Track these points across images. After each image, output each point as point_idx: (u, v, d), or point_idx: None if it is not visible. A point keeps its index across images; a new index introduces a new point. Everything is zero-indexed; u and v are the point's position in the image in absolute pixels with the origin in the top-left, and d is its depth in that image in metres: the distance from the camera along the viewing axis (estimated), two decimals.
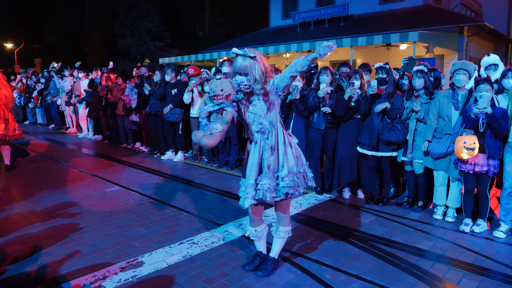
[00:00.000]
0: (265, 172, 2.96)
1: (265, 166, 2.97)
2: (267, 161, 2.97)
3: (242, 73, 2.85)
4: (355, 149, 5.03)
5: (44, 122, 13.69)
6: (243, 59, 2.86)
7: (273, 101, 2.96)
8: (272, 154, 2.97)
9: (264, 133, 2.97)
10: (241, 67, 2.84)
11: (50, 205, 4.92)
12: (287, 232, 3.22)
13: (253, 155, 3.02)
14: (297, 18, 18.26)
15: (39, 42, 38.69)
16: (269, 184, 2.94)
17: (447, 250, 3.66)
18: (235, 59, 2.93)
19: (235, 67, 2.89)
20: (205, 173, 6.71)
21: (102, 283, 3.03)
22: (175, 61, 19.42)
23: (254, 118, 2.96)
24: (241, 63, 2.85)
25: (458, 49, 13.35)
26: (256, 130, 2.98)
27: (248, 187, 3.00)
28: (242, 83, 2.86)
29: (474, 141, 3.79)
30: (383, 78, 4.72)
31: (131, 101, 8.39)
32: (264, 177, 2.95)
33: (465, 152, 3.82)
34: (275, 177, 2.97)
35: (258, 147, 3.00)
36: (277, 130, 3.01)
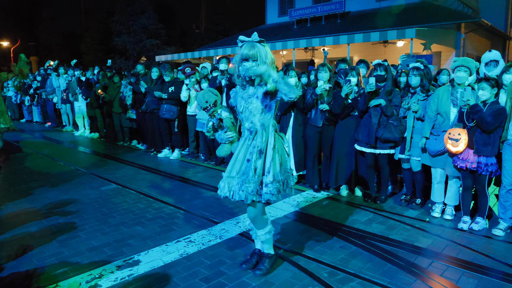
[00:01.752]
0: (251, 175, 2.91)
1: (251, 168, 2.92)
2: (254, 164, 2.93)
3: (251, 59, 2.85)
4: (352, 146, 5.01)
5: (41, 120, 13.61)
6: (251, 45, 2.86)
7: (270, 104, 2.95)
8: (260, 157, 2.94)
9: (251, 133, 2.98)
10: (250, 53, 2.84)
11: (47, 204, 4.88)
12: (268, 232, 3.16)
13: (240, 151, 3.02)
14: (294, 15, 18.21)
15: (35, 40, 38.42)
16: (253, 188, 2.90)
17: (445, 248, 3.65)
18: (242, 47, 2.91)
19: (242, 54, 2.88)
20: (202, 171, 6.68)
21: (99, 281, 3.00)
22: (171, 59, 19.34)
23: (248, 115, 2.97)
24: (250, 49, 2.85)
25: (455, 46, 13.36)
26: (247, 128, 3.00)
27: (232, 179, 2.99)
28: (250, 69, 2.85)
29: (458, 132, 3.87)
30: (381, 75, 4.70)
31: (125, 98, 8.35)
32: (250, 181, 2.90)
33: (450, 143, 3.93)
34: (259, 181, 2.93)
35: (246, 146, 3.00)
36: (268, 134, 2.97)
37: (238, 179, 2.96)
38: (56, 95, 11.62)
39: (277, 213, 4.53)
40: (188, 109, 7.36)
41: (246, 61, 2.87)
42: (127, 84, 8.43)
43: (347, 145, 5.08)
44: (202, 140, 7.31)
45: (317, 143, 5.31)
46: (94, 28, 29.92)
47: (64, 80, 11.07)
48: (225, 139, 3.17)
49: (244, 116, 3.00)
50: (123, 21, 26.67)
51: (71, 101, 10.87)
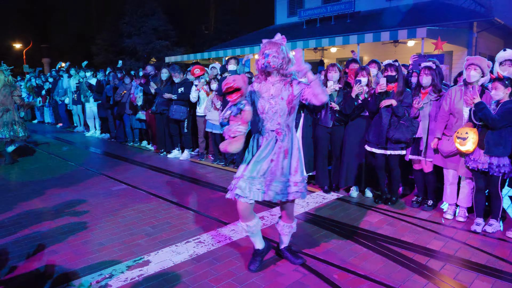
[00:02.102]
0: (278, 175, 2.98)
1: (278, 168, 2.98)
2: (281, 164, 2.98)
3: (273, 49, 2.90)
4: (362, 147, 4.97)
5: (53, 121, 13.77)
6: (273, 43, 2.93)
7: (294, 106, 3.00)
8: (286, 157, 2.99)
9: (279, 134, 2.98)
10: (271, 47, 2.90)
11: (58, 204, 4.92)
12: (292, 228, 3.31)
13: (264, 152, 2.98)
14: (303, 15, 18.17)
15: (47, 42, 38.93)
16: (281, 188, 2.98)
17: (458, 250, 3.59)
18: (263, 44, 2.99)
19: (263, 48, 2.95)
20: (211, 171, 6.69)
21: (109, 281, 3.02)
22: (181, 60, 19.43)
23: (273, 116, 2.96)
24: (271, 45, 2.92)
25: (468, 45, 13.18)
26: (272, 129, 2.98)
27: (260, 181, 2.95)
28: (270, 55, 2.88)
29: (466, 131, 3.83)
30: (392, 75, 4.64)
31: (136, 99, 8.40)
32: (278, 180, 2.98)
33: (457, 142, 3.90)
34: (286, 180, 3.00)
35: (270, 147, 2.98)
36: (292, 135, 3.05)
37: (262, 180, 2.96)
38: (68, 96, 11.76)
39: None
40: (198, 109, 7.38)
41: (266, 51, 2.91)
42: (137, 85, 8.48)
43: (357, 145, 5.04)
44: (212, 141, 7.32)
45: (327, 144, 5.28)
46: (105, 30, 30.19)
47: (75, 82, 11.19)
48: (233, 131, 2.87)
49: (267, 116, 2.98)
50: (133, 22, 26.88)
51: (82, 102, 10.97)
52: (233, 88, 2.78)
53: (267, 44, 2.95)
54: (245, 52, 15.47)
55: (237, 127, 2.84)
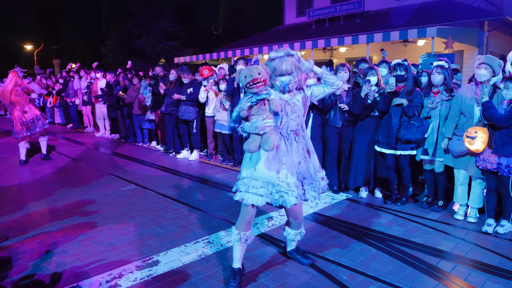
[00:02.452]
0: (310, 175, 3.00)
1: (309, 169, 3.00)
2: (308, 164, 3.00)
3: (287, 73, 2.83)
4: (372, 147, 4.94)
5: (63, 122, 13.91)
6: (284, 60, 2.81)
7: (306, 106, 3.02)
8: (310, 157, 3.03)
9: (298, 135, 2.98)
10: (285, 68, 2.81)
11: (68, 203, 4.97)
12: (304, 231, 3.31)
13: (290, 156, 2.91)
14: (312, 15, 18.11)
15: (57, 43, 39.39)
16: (316, 186, 3.04)
17: (469, 251, 3.55)
18: (272, 61, 2.85)
19: (276, 69, 2.83)
20: (220, 171, 6.70)
21: (118, 281, 3.03)
22: (190, 61, 19.50)
23: (292, 117, 2.94)
24: (284, 64, 2.80)
25: (478, 44, 13.02)
26: (291, 129, 2.95)
27: (293, 185, 2.87)
28: (290, 83, 2.85)
29: (475, 130, 3.82)
30: (401, 75, 4.60)
31: (145, 99, 8.45)
32: (311, 180, 3.01)
33: (467, 141, 3.88)
34: (315, 178, 3.04)
35: (295, 149, 2.94)
36: (305, 133, 3.08)
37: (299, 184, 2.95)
38: (78, 97, 11.88)
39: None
40: (207, 110, 7.40)
41: (281, 76, 2.85)
42: (146, 85, 8.54)
43: (366, 146, 5.01)
44: (221, 141, 7.33)
45: (336, 144, 5.26)
46: (114, 31, 30.44)
47: (85, 82, 11.29)
48: (261, 127, 2.64)
49: (286, 116, 2.91)
50: (142, 23, 27.07)
51: (92, 103, 11.07)
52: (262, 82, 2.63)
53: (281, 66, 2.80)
54: (254, 52, 15.47)
55: (265, 122, 2.64)
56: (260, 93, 2.65)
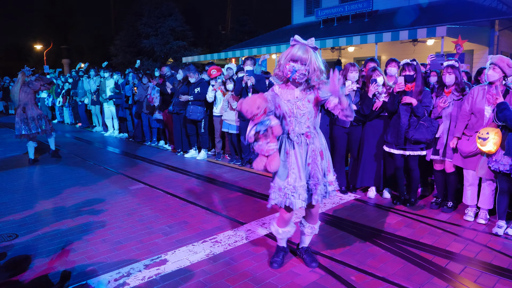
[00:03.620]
0: (320, 177, 2.97)
1: (319, 171, 2.97)
2: (321, 166, 2.98)
3: (301, 62, 2.79)
4: (380, 147, 4.91)
5: (72, 121, 14.04)
6: (305, 48, 2.80)
7: (318, 107, 3.00)
8: (322, 159, 3.00)
9: (309, 137, 2.96)
10: (302, 56, 2.78)
11: (77, 202, 5.01)
12: (316, 229, 3.30)
13: (299, 158, 2.93)
14: (320, 14, 18.06)
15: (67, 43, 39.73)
16: (323, 189, 3.00)
17: (479, 253, 3.51)
18: (294, 46, 2.84)
19: (293, 54, 2.80)
20: (228, 171, 6.70)
21: (127, 279, 3.05)
22: (198, 60, 19.55)
23: (302, 119, 2.92)
24: (303, 51, 2.78)
25: (489, 44, 12.88)
26: (301, 132, 2.94)
27: (301, 189, 2.92)
28: (299, 71, 2.80)
29: (487, 131, 3.76)
30: (410, 75, 4.56)
31: (153, 100, 8.50)
32: (320, 182, 2.97)
33: (478, 142, 3.83)
34: (325, 181, 3.02)
35: (304, 151, 2.95)
36: (320, 135, 3.05)
37: (305, 186, 2.95)
38: (87, 96, 11.97)
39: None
40: (214, 109, 7.41)
41: (294, 62, 2.81)
42: (154, 86, 8.58)
43: (375, 146, 4.98)
44: (228, 141, 7.34)
45: (344, 144, 5.23)
46: (123, 31, 30.60)
47: (94, 82, 11.38)
48: (266, 150, 2.79)
49: (295, 120, 2.91)
50: (151, 23, 27.16)
51: (101, 102, 11.15)
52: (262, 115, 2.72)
53: (298, 51, 2.80)
54: (262, 52, 15.46)
55: (269, 146, 2.77)
56: (263, 121, 2.74)
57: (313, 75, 2.83)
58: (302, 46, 2.82)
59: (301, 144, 2.95)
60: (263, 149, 2.79)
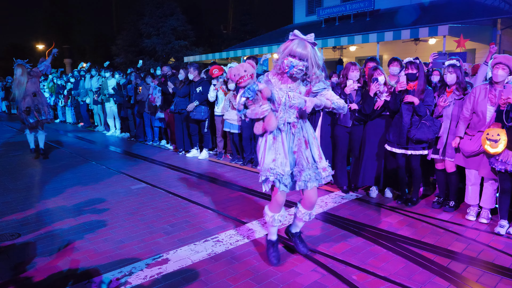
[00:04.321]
0: (305, 164, 3.04)
1: (303, 158, 3.05)
2: (306, 153, 3.06)
3: (299, 57, 2.82)
4: (382, 146, 4.90)
5: (74, 120, 14.06)
6: (304, 44, 2.82)
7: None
8: (307, 147, 3.07)
9: (295, 127, 3.04)
10: (302, 52, 2.81)
11: (79, 202, 5.02)
12: (312, 215, 3.33)
13: (286, 145, 3.04)
14: (322, 14, 18.04)
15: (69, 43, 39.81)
16: (310, 175, 3.05)
17: (481, 252, 3.50)
18: (293, 41, 2.86)
19: (292, 49, 2.83)
20: (229, 170, 6.71)
21: (129, 279, 3.06)
22: (200, 60, 19.56)
23: (291, 110, 3.00)
24: (302, 48, 2.81)
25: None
26: (288, 121, 3.02)
27: (286, 174, 3.02)
28: (297, 67, 2.83)
29: (498, 132, 3.70)
30: (412, 73, 4.55)
31: (155, 99, 8.51)
32: (306, 169, 3.04)
33: (488, 144, 3.77)
34: (315, 167, 3.07)
35: (290, 139, 3.05)
36: (307, 124, 3.12)
37: (289, 173, 3.06)
38: (89, 96, 11.99)
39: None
40: (216, 109, 7.41)
41: (293, 57, 2.83)
42: (155, 86, 8.58)
43: (377, 145, 4.98)
44: (230, 140, 7.35)
45: (346, 143, 5.23)
46: (125, 31, 30.63)
47: (96, 82, 11.40)
48: (260, 112, 2.84)
49: (284, 108, 2.99)
50: (152, 23, 27.19)
51: (103, 102, 11.17)
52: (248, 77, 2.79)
53: (297, 47, 2.81)
54: (264, 51, 15.46)
55: (262, 108, 2.82)
56: (251, 86, 2.78)
57: (311, 71, 2.88)
58: (301, 41, 2.84)
59: (287, 132, 3.04)
60: (257, 112, 2.84)
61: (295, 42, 2.85)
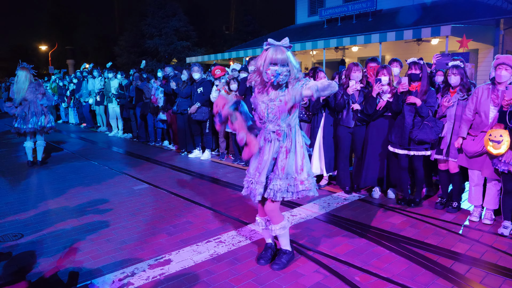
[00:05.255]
0: (277, 174, 3.02)
1: (279, 167, 3.02)
2: (281, 163, 3.02)
3: (280, 64, 2.82)
4: (385, 147, 4.89)
5: (77, 121, 14.10)
6: (281, 49, 2.82)
7: (295, 105, 2.99)
8: (287, 157, 3.02)
9: (279, 135, 3.02)
10: (282, 57, 2.81)
11: (82, 202, 5.03)
12: (281, 228, 3.19)
13: (265, 153, 3.06)
14: (324, 14, 18.03)
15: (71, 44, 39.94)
16: (280, 185, 3.01)
17: (484, 254, 3.48)
18: (269, 50, 2.86)
19: (272, 57, 2.82)
20: (232, 171, 6.71)
21: (131, 279, 3.06)
22: (202, 60, 19.58)
23: (273, 118, 2.99)
24: (280, 53, 2.81)
25: (494, 43, 12.81)
26: (273, 130, 3.02)
27: (258, 184, 3.07)
28: (282, 74, 2.83)
29: (500, 133, 3.68)
30: (416, 74, 4.52)
31: (157, 100, 8.52)
32: (276, 179, 3.01)
33: (490, 145, 3.76)
34: (290, 179, 3.02)
35: (271, 147, 3.04)
36: (295, 134, 3.06)
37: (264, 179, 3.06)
38: (92, 97, 12.03)
39: (307, 214, 4.47)
40: None
41: (275, 65, 2.83)
42: (158, 87, 8.59)
43: (379, 146, 4.97)
44: (232, 141, 7.34)
45: (348, 144, 5.22)
46: (127, 32, 30.71)
47: (99, 82, 11.43)
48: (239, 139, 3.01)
49: (268, 119, 3.01)
50: (155, 24, 27.25)
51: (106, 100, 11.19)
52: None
53: (277, 54, 2.81)
54: None
55: (239, 135, 2.95)
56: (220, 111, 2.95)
57: (292, 75, 2.87)
58: (278, 48, 2.84)
59: (272, 140, 3.04)
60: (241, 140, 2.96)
61: (270, 50, 2.84)
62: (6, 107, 7.13)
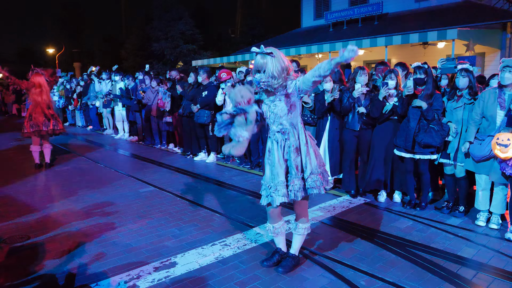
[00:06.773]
0: (294, 173, 3.04)
1: (293, 167, 3.04)
2: (294, 162, 3.04)
3: (261, 70, 2.90)
4: (390, 150, 4.87)
5: (84, 124, 14.19)
6: (261, 56, 2.89)
7: (294, 103, 3.03)
8: (298, 155, 3.05)
9: (284, 134, 3.05)
10: (259, 64, 2.89)
11: (88, 204, 5.05)
12: (306, 229, 3.27)
13: (277, 155, 3.07)
14: (330, 18, 18.01)
15: (78, 47, 40.27)
16: (299, 185, 3.03)
17: (491, 259, 3.46)
18: (255, 57, 2.95)
19: (254, 65, 2.95)
20: (237, 174, 6.71)
21: (137, 282, 3.07)
22: (208, 63, 19.63)
23: (275, 118, 3.04)
24: (259, 60, 2.89)
25: (501, 47, 12.73)
26: (277, 131, 3.06)
27: (278, 185, 3.04)
28: (261, 81, 2.90)
29: (508, 137, 3.68)
30: (421, 78, 4.52)
31: (165, 105, 8.54)
32: (294, 178, 3.04)
33: (498, 148, 3.75)
34: (301, 177, 3.06)
35: (280, 147, 3.07)
36: (299, 131, 3.08)
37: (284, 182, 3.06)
38: (98, 99, 12.10)
39: (313, 218, 4.47)
40: None
41: (258, 72, 2.94)
42: (165, 91, 8.59)
43: (385, 149, 4.95)
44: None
45: (354, 147, 5.21)
46: (133, 35, 30.90)
47: (105, 85, 11.50)
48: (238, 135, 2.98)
49: (271, 120, 3.06)
50: (161, 27, 27.40)
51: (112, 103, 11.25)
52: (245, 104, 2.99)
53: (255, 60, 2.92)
54: None
55: (241, 132, 2.94)
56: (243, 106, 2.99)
57: (272, 80, 2.87)
58: (259, 55, 2.90)
59: (278, 140, 3.07)
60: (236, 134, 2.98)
61: (255, 57, 2.93)
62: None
